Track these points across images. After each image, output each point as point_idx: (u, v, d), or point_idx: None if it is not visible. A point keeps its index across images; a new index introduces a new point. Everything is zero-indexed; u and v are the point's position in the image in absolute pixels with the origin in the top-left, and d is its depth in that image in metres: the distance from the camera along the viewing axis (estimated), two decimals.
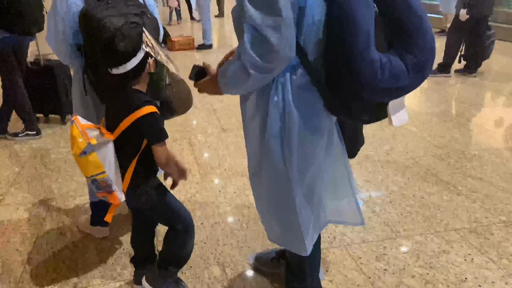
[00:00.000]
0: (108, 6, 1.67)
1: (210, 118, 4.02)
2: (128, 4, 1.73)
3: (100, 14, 1.61)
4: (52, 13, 1.77)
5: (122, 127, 1.48)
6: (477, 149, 3.22)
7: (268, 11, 1.09)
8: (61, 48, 1.80)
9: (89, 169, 1.45)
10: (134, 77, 1.50)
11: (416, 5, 1.14)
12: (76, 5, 1.71)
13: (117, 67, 1.46)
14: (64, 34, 1.75)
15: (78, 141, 1.42)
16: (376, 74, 1.12)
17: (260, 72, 1.17)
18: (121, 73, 1.47)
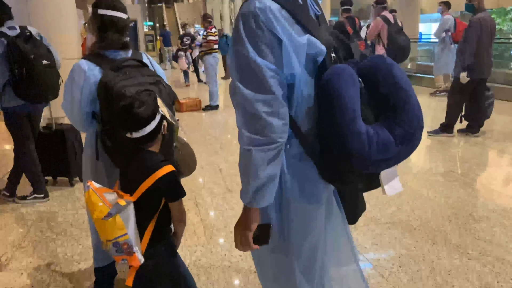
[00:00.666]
0: (126, 77, 1.80)
1: (216, 178, 4.05)
2: (144, 74, 1.88)
3: (119, 84, 1.74)
4: (70, 84, 1.89)
5: (142, 188, 1.53)
6: (485, 210, 3.19)
7: (258, 90, 1.14)
8: (77, 116, 1.91)
9: (113, 232, 1.46)
10: (151, 139, 1.60)
11: (401, 79, 1.18)
12: (94, 76, 1.84)
13: (137, 130, 1.55)
14: (81, 103, 1.86)
15: (99, 206, 1.45)
16: (363, 146, 1.14)
17: (261, 145, 1.16)
18: (140, 136, 1.56)
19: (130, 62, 1.93)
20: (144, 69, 1.95)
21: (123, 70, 1.85)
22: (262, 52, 1.15)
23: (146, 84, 1.82)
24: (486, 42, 5.03)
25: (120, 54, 1.95)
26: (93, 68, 1.86)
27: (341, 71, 1.17)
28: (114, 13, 1.94)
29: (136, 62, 1.94)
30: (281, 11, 1.18)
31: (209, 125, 6.71)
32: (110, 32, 1.93)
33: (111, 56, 1.93)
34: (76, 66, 1.90)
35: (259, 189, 1.20)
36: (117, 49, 1.95)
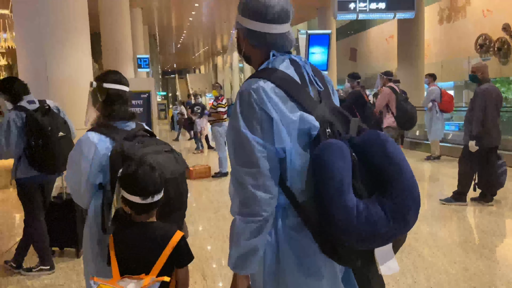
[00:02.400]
0: (144, 145, 1.85)
1: (225, 246, 3.94)
2: (158, 143, 1.93)
3: (139, 152, 1.78)
4: (78, 156, 1.85)
5: (162, 260, 1.52)
6: (504, 283, 3.05)
7: (246, 163, 1.23)
8: (83, 189, 1.86)
9: None
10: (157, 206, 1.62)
11: (393, 154, 1.19)
12: (106, 147, 1.83)
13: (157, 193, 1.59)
14: (90, 175, 1.82)
15: None
16: (351, 220, 1.13)
17: (244, 216, 1.22)
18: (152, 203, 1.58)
19: (141, 132, 1.97)
20: (154, 138, 2.01)
21: (137, 139, 1.89)
22: (253, 127, 1.24)
23: (163, 152, 1.86)
24: (492, 112, 5.07)
25: (129, 125, 1.97)
26: (103, 139, 1.85)
27: (330, 146, 1.20)
28: (120, 87, 1.97)
29: (145, 132, 2.00)
30: (275, 90, 1.26)
31: (218, 191, 6.70)
32: (117, 104, 1.94)
33: (119, 127, 1.93)
34: (84, 138, 1.87)
35: (241, 258, 1.26)
36: (126, 120, 1.96)
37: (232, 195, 1.27)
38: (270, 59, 1.35)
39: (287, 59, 1.37)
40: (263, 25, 1.34)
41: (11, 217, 5.63)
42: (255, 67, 1.43)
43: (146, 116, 6.79)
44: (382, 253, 1.23)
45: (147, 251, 1.54)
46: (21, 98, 3.37)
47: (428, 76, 8.59)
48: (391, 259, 1.26)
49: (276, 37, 1.36)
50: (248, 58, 1.44)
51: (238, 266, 1.27)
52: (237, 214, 1.24)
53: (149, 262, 1.51)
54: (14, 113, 3.26)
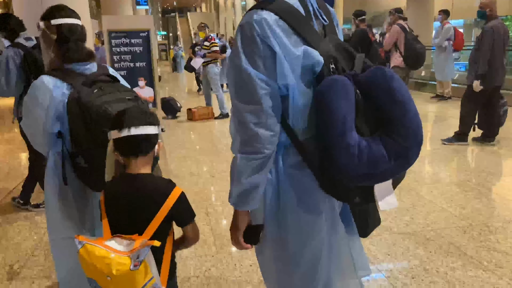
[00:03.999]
0: (103, 93, 1.66)
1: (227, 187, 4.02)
2: (120, 90, 1.75)
3: (99, 101, 1.60)
4: (32, 103, 1.71)
5: (157, 222, 1.36)
6: (500, 221, 3.12)
7: (248, 100, 1.18)
8: (40, 138, 1.74)
9: (141, 280, 1.27)
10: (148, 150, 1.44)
11: (399, 91, 1.15)
12: (62, 94, 1.67)
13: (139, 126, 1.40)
14: (46, 123, 1.68)
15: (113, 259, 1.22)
16: (352, 159, 1.13)
17: (246, 153, 1.20)
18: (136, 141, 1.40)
19: (102, 77, 1.78)
20: (117, 84, 1.82)
21: (97, 85, 1.70)
22: (255, 63, 1.18)
23: (126, 100, 1.68)
24: (499, 50, 4.96)
25: (87, 68, 1.79)
26: (59, 85, 1.68)
27: (333, 82, 1.17)
28: (72, 21, 1.76)
29: (107, 77, 1.80)
30: (279, 22, 1.20)
31: (221, 133, 6.72)
32: (72, 41, 1.74)
33: (78, 70, 1.75)
34: (38, 83, 1.69)
35: (241, 195, 1.25)
36: (83, 61, 1.77)
37: (233, 134, 1.25)
38: None
39: None
40: None
41: (17, 157, 5.72)
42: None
43: (146, 56, 6.63)
44: (381, 189, 1.24)
45: (141, 208, 1.38)
46: (17, 35, 3.28)
47: (442, 13, 8.22)
48: (390, 194, 1.27)
49: None
50: None
51: (239, 203, 1.27)
52: (238, 152, 1.22)
53: (143, 221, 1.36)
54: (12, 50, 3.20)
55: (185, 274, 2.54)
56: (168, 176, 1.97)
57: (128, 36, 6.56)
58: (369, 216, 1.55)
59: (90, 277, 1.25)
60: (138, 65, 6.63)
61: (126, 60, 6.59)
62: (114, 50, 6.51)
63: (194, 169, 4.74)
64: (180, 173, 4.59)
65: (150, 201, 1.38)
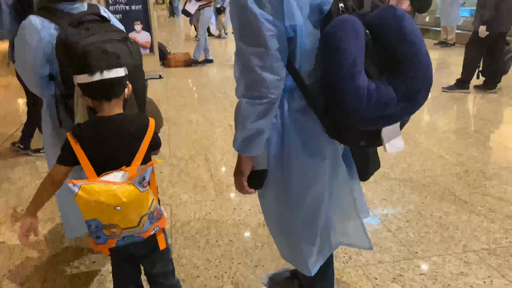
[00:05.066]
0: (89, 33, 1.59)
1: (226, 135, 4.05)
2: (108, 30, 1.67)
3: (83, 42, 1.53)
4: (20, 44, 1.67)
5: (143, 150, 1.40)
6: (496, 167, 3.16)
7: (253, 42, 1.13)
8: (32, 80, 1.71)
9: (148, 202, 1.33)
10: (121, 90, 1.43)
11: (410, 32, 1.12)
12: (50, 35, 1.62)
13: (111, 69, 1.37)
14: (35, 65, 1.65)
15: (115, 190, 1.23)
16: (361, 102, 1.11)
17: (251, 98, 1.17)
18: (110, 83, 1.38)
19: (90, 16, 1.70)
20: (106, 24, 1.74)
21: (84, 26, 1.63)
22: (261, 2, 1.12)
23: (113, 41, 1.61)
24: None
25: (75, 7, 1.72)
26: (47, 25, 1.63)
27: (344, 23, 1.12)
28: None
29: (96, 16, 1.73)
30: None
31: (220, 81, 6.64)
32: None
33: (66, 10, 1.70)
34: (26, 24, 1.64)
35: (246, 140, 1.24)
36: (71, 1, 1.71)
37: (237, 77, 1.21)
38: None
39: None
40: None
41: (14, 102, 5.68)
42: None
43: None
44: (388, 131, 1.24)
45: (125, 146, 1.39)
46: None
47: None
48: (397, 137, 1.27)
49: None
50: None
51: (243, 148, 1.26)
52: (243, 97, 1.19)
53: (127, 156, 1.38)
54: None
55: (186, 218, 2.60)
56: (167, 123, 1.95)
57: None
58: (370, 160, 1.56)
59: (91, 218, 1.27)
60: (134, 8, 6.40)
61: (121, 2, 6.36)
62: None
63: (192, 117, 4.72)
64: (179, 121, 4.57)
65: (133, 137, 1.40)
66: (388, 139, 1.26)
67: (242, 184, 1.35)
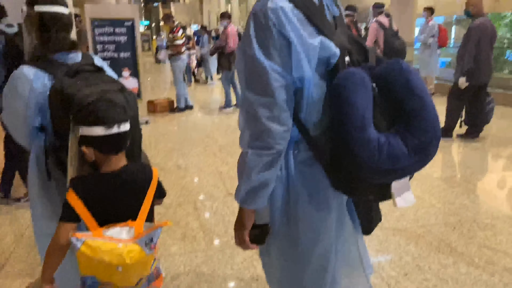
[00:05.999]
0: (87, 84, 1.56)
1: (216, 181, 3.97)
2: (105, 81, 1.63)
3: (81, 93, 1.49)
4: (11, 94, 1.62)
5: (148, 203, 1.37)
6: (488, 217, 3.15)
7: (261, 92, 1.13)
8: (21, 131, 1.66)
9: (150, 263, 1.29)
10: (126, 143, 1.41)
11: (416, 85, 1.13)
12: (43, 85, 1.58)
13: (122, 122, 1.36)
14: (26, 116, 1.60)
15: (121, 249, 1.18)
16: (373, 155, 1.10)
17: (257, 149, 1.15)
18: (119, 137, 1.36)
19: (86, 66, 1.67)
20: (103, 74, 1.70)
21: (80, 76, 1.59)
22: (269, 53, 1.12)
23: (111, 91, 1.58)
24: (486, 47, 5.00)
25: (70, 57, 1.69)
26: (40, 75, 1.58)
27: (351, 75, 1.13)
28: (56, 9, 1.65)
29: (91, 66, 1.69)
30: (294, 11, 1.14)
31: (207, 126, 6.64)
32: (53, 31, 1.64)
33: (60, 60, 1.66)
34: (18, 73, 1.59)
35: (251, 192, 1.20)
36: (66, 51, 1.68)
37: (242, 127, 1.19)
38: None
39: None
40: None
41: None
42: None
43: (130, 46, 6.47)
44: (399, 185, 1.21)
45: (132, 198, 1.36)
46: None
47: (427, 10, 8.32)
48: (408, 191, 1.24)
49: None
50: None
51: (247, 200, 1.21)
52: (248, 147, 1.16)
53: (133, 208, 1.35)
54: None
55: (175, 271, 2.48)
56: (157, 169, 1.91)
57: (112, 25, 6.39)
58: (373, 213, 1.53)
59: (89, 274, 1.18)
60: (122, 55, 6.47)
61: (109, 50, 6.42)
62: (98, 40, 6.34)
63: (181, 162, 4.65)
64: (166, 166, 4.50)
65: (139, 189, 1.38)
66: (398, 193, 1.23)
67: (244, 239, 1.29)
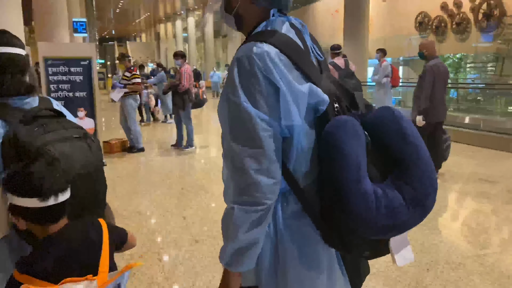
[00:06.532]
0: (45, 131, 1.42)
1: (180, 227, 3.77)
2: (66, 127, 1.50)
3: (39, 141, 1.36)
4: None
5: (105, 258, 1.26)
6: (459, 256, 3.15)
7: (248, 142, 1.05)
8: None
9: None
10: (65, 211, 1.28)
11: (410, 133, 1.09)
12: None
13: (64, 191, 1.24)
14: None
15: None
16: (370, 209, 1.02)
17: (244, 205, 1.05)
18: (55, 208, 1.22)
19: (45, 112, 1.53)
20: (63, 120, 1.57)
21: (38, 122, 1.46)
22: (256, 101, 1.05)
23: (72, 138, 1.46)
24: (440, 87, 5.24)
25: (27, 102, 1.54)
26: None
27: (344, 123, 1.06)
28: (11, 50, 1.55)
29: (50, 111, 1.56)
30: (280, 56, 1.07)
31: (170, 167, 6.42)
32: (8, 73, 1.51)
33: (15, 105, 1.51)
34: None
35: (237, 253, 1.09)
36: (22, 94, 1.53)
37: (226, 180, 1.09)
38: (269, 20, 1.15)
39: (286, 22, 1.17)
40: None
41: None
42: (246, 30, 1.22)
43: (87, 86, 6.24)
44: (397, 241, 1.13)
45: (81, 261, 1.23)
46: None
47: (380, 51, 8.73)
48: (406, 247, 1.16)
49: None
50: (240, 18, 1.21)
51: (234, 262, 1.09)
52: (234, 203, 1.05)
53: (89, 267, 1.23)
54: None
55: None
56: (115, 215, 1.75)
57: (67, 64, 6.17)
58: (361, 267, 1.43)
59: None
60: (78, 94, 6.22)
61: (64, 89, 6.16)
62: (51, 79, 6.08)
63: (141, 207, 4.41)
64: (126, 212, 4.24)
65: (90, 247, 1.28)
66: (397, 250, 1.15)
67: None
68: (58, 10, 10.78)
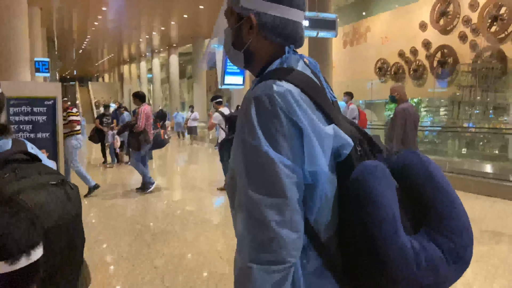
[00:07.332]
0: (18, 177, 1.28)
1: (152, 278, 3.51)
2: (41, 172, 1.35)
3: (11, 188, 1.23)
4: None
5: None
6: None
7: (269, 191, 0.92)
8: None
9: None
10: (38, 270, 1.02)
11: (441, 179, 1.01)
12: None
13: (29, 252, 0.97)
14: None
15: None
16: (410, 265, 0.91)
17: (266, 264, 0.91)
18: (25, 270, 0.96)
19: (18, 155, 1.39)
20: (38, 164, 1.42)
21: (10, 167, 1.33)
22: (278, 144, 0.93)
23: (48, 185, 1.32)
24: (411, 128, 5.39)
25: (0, 145, 1.42)
26: None
27: (374, 169, 0.96)
28: None
29: (24, 155, 1.42)
30: (302, 96, 0.98)
31: (137, 211, 6.13)
32: None
33: None
34: None
35: None
36: None
37: (242, 235, 0.95)
38: (284, 56, 1.06)
39: (301, 60, 1.09)
40: (288, 10, 1.05)
41: None
42: (256, 67, 1.12)
43: (50, 126, 5.97)
44: None
45: None
46: None
47: (346, 95, 9.00)
48: None
49: (298, 27, 1.09)
50: (250, 54, 1.11)
51: None
52: (252, 262, 0.91)
53: None
54: None
55: None
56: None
57: (30, 104, 5.91)
58: None
59: None
60: (40, 136, 5.93)
61: (26, 130, 5.86)
62: (12, 119, 5.78)
63: (108, 257, 4.11)
64: (92, 263, 3.92)
65: None
66: None
67: None
68: (19, 49, 10.51)
